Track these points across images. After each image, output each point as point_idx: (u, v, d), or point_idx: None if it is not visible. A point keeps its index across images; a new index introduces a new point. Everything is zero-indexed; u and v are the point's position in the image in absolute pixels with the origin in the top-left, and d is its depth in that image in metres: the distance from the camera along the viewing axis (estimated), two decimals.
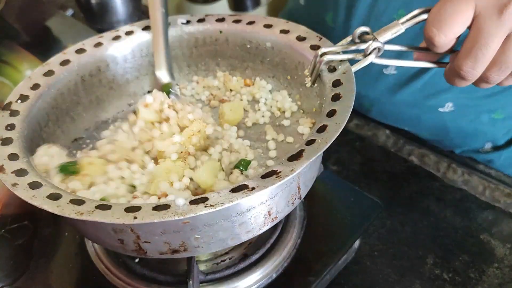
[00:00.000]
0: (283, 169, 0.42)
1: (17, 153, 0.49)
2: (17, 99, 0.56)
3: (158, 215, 0.40)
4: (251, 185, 0.41)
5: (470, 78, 0.50)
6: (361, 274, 0.64)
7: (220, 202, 0.40)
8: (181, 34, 0.66)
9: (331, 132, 0.45)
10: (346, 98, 0.49)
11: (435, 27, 0.48)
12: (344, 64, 0.52)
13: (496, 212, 0.71)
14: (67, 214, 0.41)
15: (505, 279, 0.63)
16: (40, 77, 0.60)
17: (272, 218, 0.49)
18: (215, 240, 0.47)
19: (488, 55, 0.47)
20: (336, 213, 0.67)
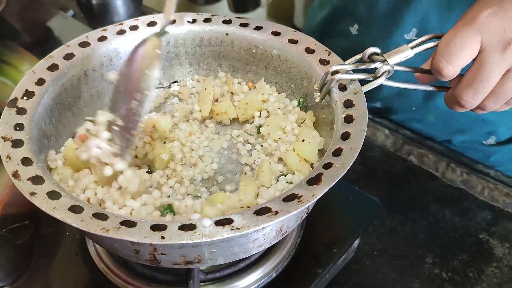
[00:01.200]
0: (304, 194, 0.43)
1: (30, 158, 0.49)
2: (22, 95, 0.56)
3: (185, 236, 0.41)
4: (274, 209, 0.42)
5: (469, 106, 0.53)
6: (360, 274, 0.64)
7: (246, 226, 0.41)
8: (186, 33, 0.66)
9: (347, 157, 0.47)
10: (359, 121, 0.50)
11: (445, 59, 0.50)
12: (354, 83, 0.54)
13: (495, 212, 0.72)
14: (93, 231, 0.41)
15: (504, 278, 0.64)
16: (44, 71, 0.59)
17: (282, 233, 0.50)
18: (229, 254, 0.48)
19: (488, 87, 0.50)
20: (336, 213, 0.67)
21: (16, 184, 0.46)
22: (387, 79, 0.52)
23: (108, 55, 0.64)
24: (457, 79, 0.52)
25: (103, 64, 0.64)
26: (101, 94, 0.65)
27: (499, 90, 0.51)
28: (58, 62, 0.60)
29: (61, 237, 0.64)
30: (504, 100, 0.52)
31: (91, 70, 0.63)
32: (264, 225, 0.41)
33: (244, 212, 0.43)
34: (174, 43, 0.67)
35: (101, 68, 0.64)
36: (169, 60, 0.68)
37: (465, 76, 0.51)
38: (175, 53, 0.68)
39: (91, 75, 0.63)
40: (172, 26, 0.66)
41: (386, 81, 0.52)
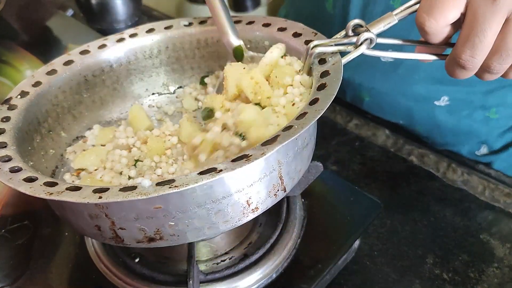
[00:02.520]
0: (254, 153, 0.42)
1: (6, 142, 0.51)
2: (17, 95, 0.57)
3: (122, 195, 0.40)
4: (219, 168, 0.41)
5: (470, 66, 0.48)
6: (361, 274, 0.64)
7: (185, 183, 0.40)
8: (183, 36, 0.67)
9: (308, 119, 0.44)
10: (331, 86, 0.48)
11: (426, 13, 0.47)
12: (335, 56, 0.52)
13: (495, 212, 0.72)
14: (37, 194, 0.42)
15: (505, 279, 0.63)
16: (43, 76, 0.60)
17: (252, 209, 0.48)
18: (191, 229, 0.46)
19: (486, 41, 0.46)
20: (336, 213, 0.67)
21: None
22: (370, 48, 0.50)
23: (108, 61, 0.65)
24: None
25: (104, 70, 0.65)
26: (104, 101, 0.66)
27: (501, 45, 0.46)
28: (57, 67, 0.62)
29: (61, 237, 0.64)
30: (510, 57, 0.47)
31: (91, 75, 0.64)
32: (204, 182, 0.40)
33: (190, 173, 0.41)
34: (172, 47, 0.67)
35: (102, 74, 0.65)
36: (170, 65, 0.68)
37: (460, 33, 0.48)
38: (175, 58, 0.68)
39: (91, 81, 0.64)
40: (170, 30, 0.67)
41: (369, 51, 0.50)
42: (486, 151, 0.85)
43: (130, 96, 0.68)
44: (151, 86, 0.69)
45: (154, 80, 0.69)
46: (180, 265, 0.58)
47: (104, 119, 0.66)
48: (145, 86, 0.69)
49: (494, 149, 0.85)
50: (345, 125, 0.86)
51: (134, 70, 0.67)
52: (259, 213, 0.49)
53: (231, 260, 0.59)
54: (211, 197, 0.44)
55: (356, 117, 0.87)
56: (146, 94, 0.69)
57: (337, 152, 0.81)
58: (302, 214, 0.64)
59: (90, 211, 0.46)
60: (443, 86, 0.80)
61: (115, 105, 0.67)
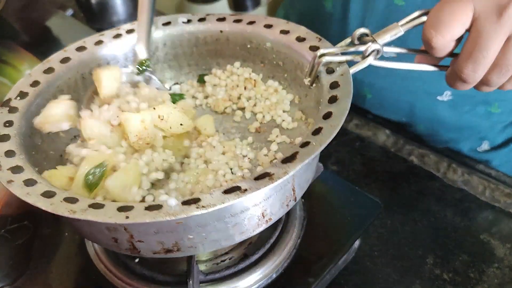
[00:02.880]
0: (276, 171, 0.42)
1: (14, 150, 0.50)
2: (16, 96, 0.57)
3: (150, 215, 0.40)
4: (243, 187, 0.41)
5: (471, 81, 0.50)
6: (361, 274, 0.64)
7: (212, 204, 0.40)
8: (182, 33, 0.66)
9: (325, 135, 0.45)
10: (343, 100, 0.49)
11: (433, 29, 0.48)
12: (342, 65, 0.52)
13: (496, 212, 0.71)
14: (60, 213, 0.42)
15: (505, 279, 0.63)
16: (40, 75, 0.60)
17: (266, 220, 0.49)
18: (208, 241, 0.47)
19: (489, 57, 0.47)
20: (336, 213, 0.67)
21: None
22: (377, 59, 0.50)
23: (105, 59, 0.64)
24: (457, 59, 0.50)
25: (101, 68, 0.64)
26: None
27: (502, 61, 0.47)
28: (54, 65, 0.61)
29: (60, 237, 0.64)
30: (509, 73, 0.48)
31: (88, 73, 0.63)
32: (230, 202, 0.40)
33: (214, 191, 0.42)
34: (171, 44, 0.67)
35: None
36: (167, 62, 0.68)
37: (463, 48, 0.49)
38: (173, 55, 0.67)
39: (88, 79, 0.63)
40: (168, 27, 0.66)
41: (376, 61, 0.50)
42: (487, 147, 0.85)
43: None
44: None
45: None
46: (180, 265, 0.58)
47: None
48: None
49: (495, 144, 0.85)
50: (345, 125, 0.86)
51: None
52: (271, 223, 0.50)
53: (231, 260, 0.59)
54: (230, 211, 0.45)
55: (357, 117, 0.87)
56: None
57: (337, 152, 0.81)
58: (302, 214, 0.64)
59: (108, 224, 0.45)
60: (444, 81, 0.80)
61: None
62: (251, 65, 0.66)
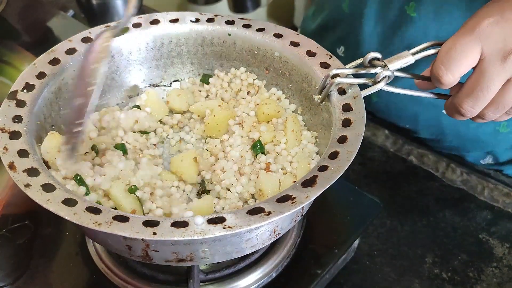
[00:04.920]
0: (298, 195, 0.43)
1: (27, 150, 0.49)
2: (22, 88, 0.56)
3: (177, 233, 0.41)
4: (267, 209, 0.42)
5: (469, 115, 0.53)
6: (360, 274, 0.64)
7: (238, 225, 0.41)
8: (189, 32, 0.66)
9: (343, 161, 0.47)
10: (357, 125, 0.50)
11: (444, 67, 0.50)
12: (353, 87, 0.54)
13: (495, 212, 0.72)
14: (85, 224, 0.41)
15: (504, 278, 0.64)
16: (46, 65, 0.59)
17: (276, 234, 0.50)
18: (222, 253, 0.48)
19: (488, 96, 0.50)
20: (336, 212, 0.67)
21: (11, 175, 0.46)
22: (387, 84, 0.52)
23: (109, 51, 0.64)
24: (458, 88, 0.52)
25: None
26: (104, 91, 0.65)
27: (499, 100, 0.51)
28: (60, 56, 0.60)
29: (61, 237, 0.64)
30: (504, 110, 0.52)
31: None
32: (256, 225, 0.41)
33: (237, 211, 0.43)
34: (176, 41, 0.67)
35: None
36: (171, 58, 0.68)
37: (465, 84, 0.51)
38: (177, 52, 0.68)
39: None
40: (175, 24, 0.66)
41: (386, 87, 0.52)
42: (491, 161, 0.84)
43: (127, 86, 0.68)
44: (148, 77, 0.69)
45: (152, 72, 0.68)
46: None
47: (101, 108, 0.65)
48: (142, 77, 0.68)
49: (500, 161, 0.84)
50: None
51: (134, 61, 0.67)
52: (279, 237, 0.51)
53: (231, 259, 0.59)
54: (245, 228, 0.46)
55: None
56: (142, 85, 0.69)
57: None
58: None
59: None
60: None
61: (112, 95, 0.67)
62: (255, 71, 0.66)
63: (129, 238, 0.45)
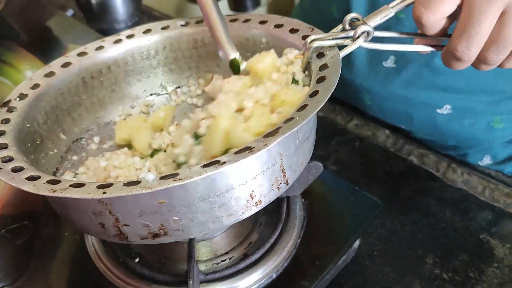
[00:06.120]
0: (257, 145, 0.42)
1: (7, 143, 0.51)
2: (16, 97, 0.58)
3: (127, 190, 0.40)
4: (222, 160, 0.41)
5: (466, 58, 0.48)
6: (360, 274, 0.64)
7: (189, 176, 0.40)
8: (180, 35, 0.67)
9: (309, 110, 0.44)
10: (330, 79, 0.48)
11: (423, 6, 0.47)
12: (332, 50, 0.52)
13: (495, 212, 0.72)
14: (41, 192, 0.42)
15: (505, 279, 0.64)
16: (41, 78, 0.61)
17: (255, 202, 0.48)
18: (195, 223, 0.46)
19: (482, 32, 0.46)
20: (336, 213, 0.67)
21: None
22: (367, 41, 0.50)
23: (105, 63, 0.65)
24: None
25: (102, 72, 0.65)
26: (103, 102, 0.66)
27: (498, 36, 0.46)
28: (55, 69, 0.62)
29: (61, 237, 0.64)
30: (506, 49, 0.47)
31: (90, 77, 0.64)
32: (208, 174, 0.40)
33: (193, 167, 0.42)
34: (170, 47, 0.67)
35: (100, 75, 0.65)
36: (167, 65, 0.68)
37: (457, 25, 0.48)
38: (173, 58, 0.68)
39: (89, 82, 0.64)
40: (166, 30, 0.67)
41: (366, 44, 0.50)
42: (490, 161, 0.84)
43: (128, 97, 0.68)
44: (149, 87, 0.69)
45: (152, 81, 0.69)
46: (180, 265, 0.58)
47: (103, 120, 0.66)
48: (143, 87, 0.69)
49: (498, 160, 0.84)
50: (345, 125, 0.86)
51: (132, 71, 0.67)
52: (262, 206, 0.49)
53: (231, 260, 0.59)
54: (214, 190, 0.45)
55: (356, 117, 0.87)
56: (144, 95, 0.69)
57: (337, 152, 0.81)
58: (302, 214, 0.64)
59: (93, 208, 0.46)
60: (446, 94, 0.79)
61: (114, 106, 0.67)
62: None
63: (99, 214, 0.46)
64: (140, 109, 0.68)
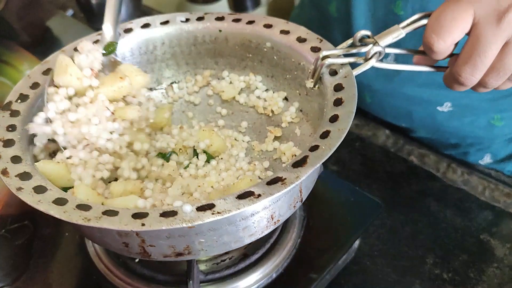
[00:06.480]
0: (288, 176, 0.43)
1: (20, 156, 0.49)
2: (16, 99, 0.56)
3: (166, 222, 0.40)
4: (257, 192, 0.42)
5: (469, 84, 0.51)
6: (361, 274, 0.64)
7: (227, 209, 0.41)
8: (180, 32, 0.66)
9: (334, 139, 0.46)
10: (348, 103, 0.49)
11: (435, 33, 0.48)
12: (345, 67, 0.53)
13: (495, 212, 0.72)
14: (74, 220, 0.41)
15: (505, 279, 0.63)
16: (39, 76, 0.59)
17: (274, 221, 0.50)
18: (219, 244, 0.47)
19: (487, 61, 0.48)
20: (336, 213, 0.67)
21: (4, 180, 0.46)
22: (379, 61, 0.51)
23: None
24: (455, 59, 0.51)
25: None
26: None
27: (499, 64, 0.48)
28: (53, 66, 0.60)
29: (61, 237, 0.64)
30: (506, 75, 0.49)
31: None
32: (245, 208, 0.41)
33: (226, 197, 0.42)
34: (169, 43, 0.66)
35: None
36: (165, 61, 0.68)
37: (462, 52, 0.49)
38: (171, 54, 0.67)
39: None
40: (166, 26, 0.66)
41: (378, 63, 0.51)
42: (490, 160, 0.84)
43: None
44: None
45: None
46: (180, 265, 0.58)
47: None
48: None
49: (498, 158, 0.84)
50: None
51: None
52: (279, 224, 0.51)
53: (231, 260, 0.59)
54: (241, 215, 0.46)
55: (356, 117, 0.87)
56: None
57: (337, 152, 0.81)
58: (302, 214, 0.64)
59: (120, 230, 0.45)
60: (446, 91, 0.78)
61: None
62: (249, 64, 0.66)
63: (124, 235, 0.45)
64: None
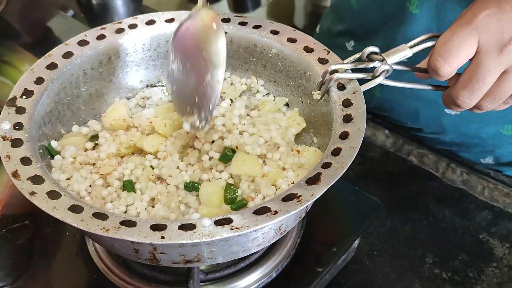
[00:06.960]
0: (303, 194, 0.44)
1: (30, 157, 0.49)
2: (21, 94, 0.55)
3: (186, 236, 0.41)
4: (273, 209, 0.43)
5: (465, 106, 0.53)
6: (360, 274, 0.64)
7: (245, 226, 0.41)
8: None
9: (346, 157, 0.47)
10: (358, 120, 0.50)
11: (442, 58, 0.50)
12: (353, 82, 0.54)
13: (495, 212, 0.72)
14: (93, 230, 0.41)
15: (504, 279, 0.64)
16: (43, 70, 0.59)
17: (281, 232, 0.50)
18: (228, 253, 0.48)
19: (485, 87, 0.50)
20: (336, 212, 0.67)
21: (16, 183, 0.45)
22: (385, 78, 0.52)
23: (107, 54, 0.64)
24: (455, 79, 0.52)
25: (102, 63, 0.64)
26: (100, 93, 0.65)
27: (496, 91, 0.51)
28: (57, 61, 0.60)
29: (61, 237, 0.64)
30: (500, 100, 0.52)
31: (90, 68, 0.63)
32: (263, 224, 0.41)
33: (243, 211, 0.43)
34: None
35: (100, 66, 0.64)
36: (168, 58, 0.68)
37: (462, 76, 0.51)
38: None
39: (89, 74, 0.63)
40: (171, 24, 0.66)
41: (385, 81, 0.52)
42: (492, 161, 0.84)
43: (125, 88, 0.67)
44: (146, 78, 0.68)
45: (149, 72, 0.68)
46: None
47: (99, 112, 0.65)
48: (139, 78, 0.68)
49: (501, 161, 0.83)
50: None
51: (131, 62, 0.66)
52: (284, 234, 0.52)
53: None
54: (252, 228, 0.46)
55: None
56: (140, 85, 0.68)
57: None
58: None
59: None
60: None
61: (110, 97, 0.66)
62: (252, 67, 0.66)
63: (136, 243, 0.45)
64: (136, 102, 0.68)
